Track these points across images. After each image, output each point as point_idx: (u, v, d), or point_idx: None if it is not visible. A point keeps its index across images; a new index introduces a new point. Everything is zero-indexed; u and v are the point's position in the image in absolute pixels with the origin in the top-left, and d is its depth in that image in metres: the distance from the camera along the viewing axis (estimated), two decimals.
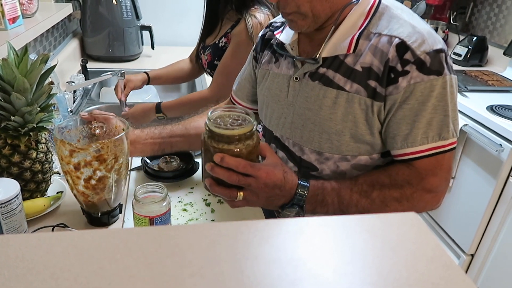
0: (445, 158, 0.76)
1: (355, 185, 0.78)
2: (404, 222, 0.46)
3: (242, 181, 0.71)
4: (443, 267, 0.40)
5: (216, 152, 0.70)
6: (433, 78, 0.72)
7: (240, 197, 0.74)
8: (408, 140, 0.75)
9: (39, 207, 0.90)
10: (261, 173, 0.72)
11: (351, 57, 0.77)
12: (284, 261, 0.39)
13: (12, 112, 0.84)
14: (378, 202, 0.77)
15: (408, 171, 0.77)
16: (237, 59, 1.34)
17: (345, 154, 0.82)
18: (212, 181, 0.74)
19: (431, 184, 0.77)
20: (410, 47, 0.72)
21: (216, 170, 0.71)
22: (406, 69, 0.72)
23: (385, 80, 0.74)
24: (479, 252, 1.75)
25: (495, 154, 1.59)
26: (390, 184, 0.77)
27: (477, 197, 1.70)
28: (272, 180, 0.73)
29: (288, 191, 0.76)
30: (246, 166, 0.71)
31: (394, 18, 0.76)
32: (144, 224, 0.82)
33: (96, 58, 2.28)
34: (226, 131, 0.70)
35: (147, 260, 0.38)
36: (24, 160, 0.88)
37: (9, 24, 1.27)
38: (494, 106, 1.72)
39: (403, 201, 0.77)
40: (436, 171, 0.76)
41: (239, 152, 0.70)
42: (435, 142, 0.75)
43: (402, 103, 0.74)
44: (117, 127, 0.89)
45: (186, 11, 2.67)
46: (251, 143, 0.72)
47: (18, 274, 0.36)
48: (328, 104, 0.80)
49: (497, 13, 2.33)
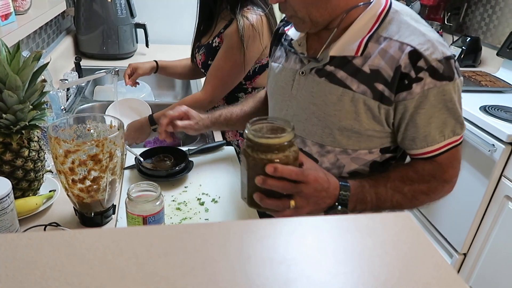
0: (458, 150, 0.83)
1: (388, 181, 0.82)
2: (396, 222, 0.46)
3: (295, 188, 0.72)
4: (434, 267, 0.40)
5: (265, 163, 0.69)
6: (445, 83, 0.76)
7: (293, 206, 0.73)
8: (428, 140, 0.80)
9: (31, 206, 0.89)
10: (310, 178, 0.73)
11: (359, 59, 0.80)
12: (277, 261, 0.39)
13: (4, 110, 0.83)
14: (409, 196, 0.82)
15: (431, 166, 0.83)
16: (230, 60, 1.33)
17: (346, 148, 0.86)
18: (262, 195, 0.73)
19: (451, 175, 0.84)
20: (423, 55, 0.75)
21: (270, 181, 0.70)
22: (419, 76, 0.75)
23: (395, 86, 0.77)
24: (471, 251, 1.77)
25: (487, 154, 1.60)
26: (418, 179, 0.83)
27: (470, 197, 1.71)
28: (320, 184, 0.74)
29: (333, 193, 0.77)
30: (298, 173, 0.71)
31: (404, 24, 0.79)
32: (138, 223, 0.82)
33: (90, 56, 2.27)
34: (274, 140, 0.69)
35: (138, 260, 0.38)
36: (16, 158, 0.87)
37: (2, 21, 1.26)
38: (487, 107, 1.73)
39: (430, 194, 0.83)
40: (454, 163, 0.83)
41: (287, 160, 0.70)
42: (450, 138, 0.81)
43: (417, 108, 0.77)
44: (112, 127, 0.88)
45: (181, 9, 2.66)
46: (295, 149, 0.72)
47: (8, 274, 0.36)
48: (333, 100, 0.82)
49: (491, 14, 2.34)
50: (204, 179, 1.12)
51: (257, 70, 1.42)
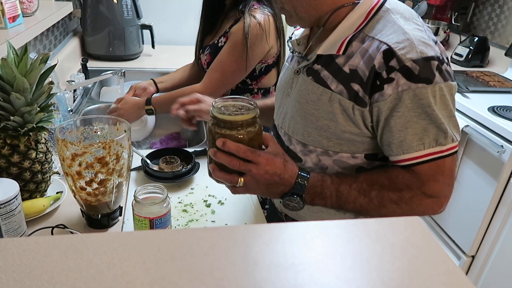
0: (445, 163, 0.75)
1: (355, 182, 0.79)
2: (406, 227, 0.45)
3: (242, 166, 0.74)
4: (445, 272, 0.40)
5: (219, 137, 0.74)
6: (422, 86, 0.70)
7: (241, 183, 0.76)
8: (404, 147, 0.75)
9: (39, 208, 0.90)
10: (261, 160, 0.74)
11: (342, 58, 0.78)
12: (285, 267, 0.39)
13: (12, 112, 0.84)
14: (376, 202, 0.77)
15: (408, 176, 0.77)
16: (233, 57, 1.33)
17: (327, 149, 0.84)
18: (215, 166, 0.77)
19: (432, 189, 0.76)
20: (396, 54, 0.70)
21: (219, 155, 0.74)
22: (391, 76, 0.71)
23: (369, 86, 0.73)
24: (479, 254, 1.75)
25: (496, 156, 1.58)
26: (389, 186, 0.77)
27: (478, 199, 1.69)
28: (272, 168, 0.75)
29: (288, 180, 0.77)
30: (247, 151, 0.73)
31: (390, 23, 0.76)
32: (144, 225, 0.82)
33: (96, 57, 2.27)
34: (229, 117, 0.73)
35: (145, 265, 0.38)
36: (24, 160, 0.87)
37: (9, 23, 1.26)
38: (496, 107, 1.71)
39: (401, 204, 0.77)
40: (437, 176, 0.76)
41: (240, 138, 0.74)
42: (432, 148, 0.74)
43: (392, 110, 0.73)
44: (119, 129, 0.88)
45: (187, 10, 2.66)
46: (252, 130, 0.75)
47: (16, 279, 0.36)
48: (313, 99, 0.82)
49: (499, 14, 2.32)
50: (210, 181, 1.11)
51: (263, 70, 1.42)
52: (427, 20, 2.68)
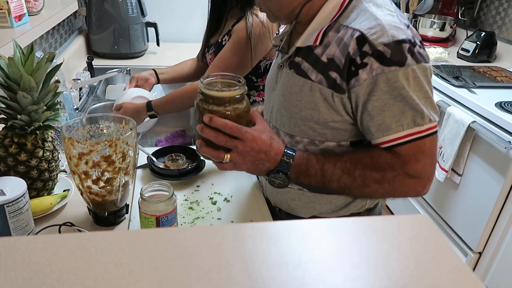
0: (425, 143, 0.77)
1: (339, 161, 0.80)
2: (414, 225, 0.45)
3: (228, 142, 0.75)
4: (453, 270, 0.40)
5: (206, 113, 0.74)
6: (394, 69, 0.72)
7: (227, 159, 0.77)
8: (383, 129, 0.77)
9: (46, 206, 0.90)
10: (247, 136, 0.75)
11: (320, 48, 0.80)
12: (293, 265, 0.39)
13: (19, 111, 0.84)
14: (359, 181, 0.79)
15: (390, 156, 0.78)
16: (236, 55, 1.33)
17: (313, 139, 0.85)
18: (201, 142, 0.78)
19: (414, 169, 0.78)
20: (368, 39, 0.72)
21: (205, 130, 0.75)
22: (364, 61, 0.73)
23: (345, 73, 0.75)
24: (486, 250, 1.74)
25: (503, 151, 1.57)
26: (372, 165, 0.79)
27: (485, 195, 1.68)
28: (258, 144, 0.76)
29: (273, 157, 0.78)
30: (233, 127, 0.74)
31: (363, 11, 0.77)
32: (151, 223, 0.82)
33: (101, 55, 2.28)
34: (216, 93, 0.74)
35: (153, 263, 0.38)
36: (31, 158, 0.88)
37: (15, 22, 1.27)
38: (503, 103, 1.69)
39: (383, 184, 0.79)
40: (419, 156, 0.77)
41: (227, 114, 0.74)
42: (410, 128, 0.75)
43: (369, 95, 0.75)
44: (124, 127, 0.88)
45: (192, 8, 2.66)
46: (240, 107, 0.75)
47: (25, 277, 0.36)
48: (295, 91, 0.84)
49: (506, 8, 2.29)
50: (216, 178, 1.12)
51: (268, 67, 1.42)
52: (433, 15, 2.66)
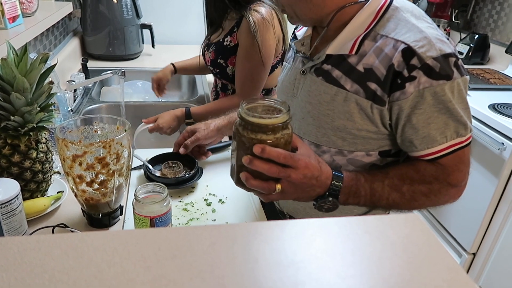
0: (465, 152, 0.78)
1: (387, 178, 0.79)
2: (406, 224, 0.45)
3: (282, 173, 0.69)
4: (446, 269, 0.40)
5: (254, 143, 0.67)
6: (442, 83, 0.72)
7: (278, 190, 0.71)
8: (428, 141, 0.77)
9: (40, 207, 0.90)
10: (300, 164, 0.70)
11: (355, 57, 0.78)
12: (285, 264, 0.39)
13: (12, 112, 0.84)
14: (408, 196, 0.79)
15: (434, 168, 0.79)
16: (252, 61, 1.35)
17: (341, 149, 0.84)
18: (248, 175, 0.71)
19: (456, 179, 0.79)
20: (417, 53, 0.71)
21: (256, 162, 0.68)
22: (412, 75, 0.72)
23: (388, 85, 0.74)
24: (480, 251, 1.75)
25: (497, 153, 1.58)
26: (419, 179, 0.79)
27: (479, 196, 1.69)
28: (311, 171, 0.72)
29: (324, 182, 0.75)
30: (287, 157, 0.69)
31: (402, 21, 0.76)
32: (145, 224, 0.82)
33: (96, 57, 2.28)
34: (266, 121, 0.67)
35: (146, 263, 0.38)
36: (24, 160, 0.87)
37: (9, 23, 1.26)
38: (496, 105, 1.71)
39: (431, 196, 0.79)
40: (460, 166, 0.79)
41: (277, 142, 0.68)
42: (453, 140, 0.77)
43: (414, 108, 0.74)
44: (119, 128, 0.88)
45: (186, 10, 2.66)
46: (288, 133, 0.70)
47: (17, 277, 0.36)
48: (327, 100, 0.81)
49: (499, 11, 2.32)
50: (211, 180, 1.12)
51: (275, 65, 1.43)
52: None
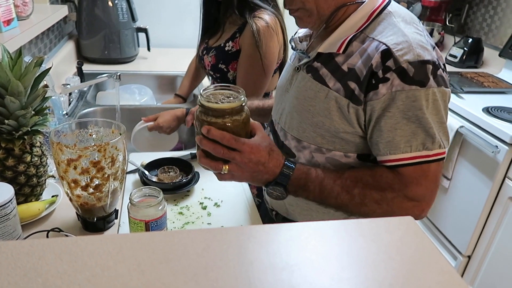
0: (430, 168, 0.76)
1: (339, 178, 0.80)
2: (400, 227, 0.46)
3: (226, 154, 0.75)
4: (439, 271, 0.40)
5: (205, 125, 0.75)
6: (415, 88, 0.71)
7: (225, 170, 0.76)
8: (391, 147, 0.76)
9: (34, 211, 0.89)
10: (245, 148, 0.75)
11: (342, 57, 0.79)
12: (280, 267, 0.39)
13: (6, 116, 0.84)
14: (357, 199, 0.78)
15: (392, 176, 0.78)
16: (255, 68, 1.35)
17: (320, 146, 0.84)
18: (201, 153, 0.78)
19: (414, 193, 0.77)
20: (394, 55, 0.72)
21: (204, 142, 0.75)
22: (386, 76, 0.72)
23: (365, 85, 0.75)
24: (475, 254, 1.76)
25: (491, 156, 1.59)
26: (373, 184, 0.78)
27: (474, 199, 1.70)
28: (256, 156, 0.76)
29: (272, 169, 0.78)
30: (230, 139, 0.74)
31: (391, 25, 0.77)
32: (140, 228, 0.82)
33: (92, 60, 2.27)
34: (214, 105, 0.74)
35: (140, 267, 0.38)
36: (19, 164, 0.87)
37: (4, 27, 1.26)
38: (490, 108, 1.72)
39: (382, 204, 0.78)
40: (421, 180, 0.76)
41: (225, 126, 0.74)
42: (418, 151, 0.75)
43: (384, 110, 0.74)
44: (114, 132, 0.88)
45: (182, 13, 2.66)
46: (238, 119, 0.75)
47: (10, 282, 0.36)
48: (310, 96, 0.83)
49: (492, 15, 2.34)
50: (207, 183, 1.12)
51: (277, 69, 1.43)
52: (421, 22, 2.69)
